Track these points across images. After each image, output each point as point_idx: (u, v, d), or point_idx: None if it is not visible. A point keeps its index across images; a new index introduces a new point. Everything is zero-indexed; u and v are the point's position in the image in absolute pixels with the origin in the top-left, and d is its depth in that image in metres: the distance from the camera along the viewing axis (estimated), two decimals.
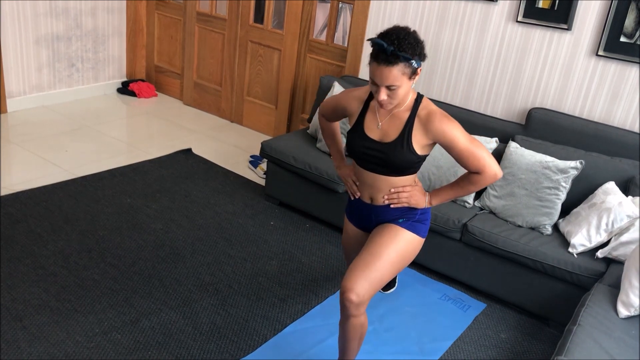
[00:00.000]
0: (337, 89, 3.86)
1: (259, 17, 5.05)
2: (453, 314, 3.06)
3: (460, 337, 2.89)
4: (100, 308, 2.76)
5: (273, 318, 2.86)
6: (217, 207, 3.83)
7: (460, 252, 3.21)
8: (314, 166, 3.59)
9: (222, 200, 3.92)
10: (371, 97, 2.22)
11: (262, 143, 3.86)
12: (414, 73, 2.01)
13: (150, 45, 5.90)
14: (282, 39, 4.86)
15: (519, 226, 3.16)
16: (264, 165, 4.41)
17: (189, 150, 4.65)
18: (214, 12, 5.30)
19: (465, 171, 2.20)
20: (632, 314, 2.45)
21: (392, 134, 2.14)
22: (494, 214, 3.26)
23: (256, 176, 4.40)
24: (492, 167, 2.12)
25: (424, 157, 2.17)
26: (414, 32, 2.01)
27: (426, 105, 2.14)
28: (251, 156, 4.66)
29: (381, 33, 1.99)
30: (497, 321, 3.06)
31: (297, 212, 3.89)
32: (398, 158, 2.13)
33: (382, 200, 2.26)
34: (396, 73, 1.96)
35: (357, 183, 2.32)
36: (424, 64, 3.97)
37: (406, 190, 2.22)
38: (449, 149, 2.11)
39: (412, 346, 2.78)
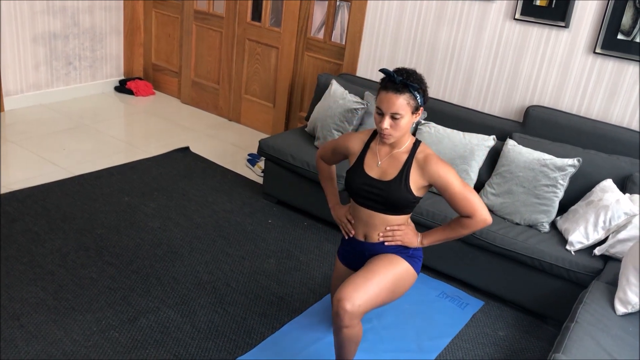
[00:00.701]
0: (334, 87, 3.86)
1: (257, 15, 5.05)
2: (451, 311, 3.06)
3: (459, 335, 2.89)
4: (98, 306, 2.75)
5: (271, 316, 2.86)
6: (215, 206, 3.82)
7: (458, 250, 3.21)
8: (312, 164, 3.59)
9: (219, 199, 3.92)
10: (371, 139, 2.36)
11: (259, 141, 3.86)
12: (416, 109, 2.17)
13: (147, 43, 5.89)
14: (280, 37, 4.86)
15: (517, 224, 3.16)
16: (261, 164, 4.41)
17: (187, 148, 4.64)
18: (212, 10, 5.29)
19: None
20: (630, 311, 2.45)
21: (391, 173, 2.26)
22: (492, 211, 3.26)
23: (254, 174, 4.40)
24: (483, 213, 2.24)
25: (418, 199, 2.29)
26: (421, 74, 2.21)
27: (423, 149, 2.28)
28: (249, 154, 4.66)
29: (394, 69, 2.17)
30: (495, 319, 3.06)
31: (295, 211, 3.89)
32: (396, 196, 2.24)
33: (376, 237, 2.36)
34: (402, 102, 2.12)
35: (352, 222, 2.42)
36: (422, 63, 3.97)
37: (401, 228, 2.33)
38: (443, 191, 2.24)
39: (410, 344, 2.78)
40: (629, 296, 2.44)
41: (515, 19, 3.55)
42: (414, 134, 3.59)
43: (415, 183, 2.24)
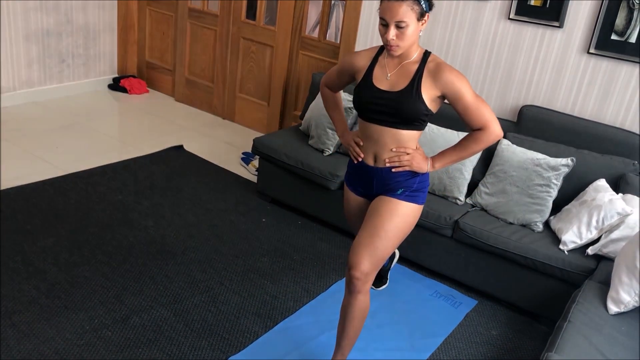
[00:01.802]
0: None
1: (251, 13, 5.04)
2: (444, 310, 3.07)
3: (452, 334, 2.90)
4: (91, 305, 2.74)
5: (264, 315, 2.85)
6: (209, 204, 3.81)
7: (451, 249, 3.22)
8: (306, 163, 3.59)
9: (213, 197, 3.91)
10: (378, 53, 2.28)
11: (254, 140, 3.85)
12: (422, 15, 2.07)
13: (141, 41, 5.87)
14: (275, 36, 4.85)
15: (510, 223, 3.17)
16: (256, 162, 4.40)
17: (181, 147, 4.63)
18: (206, 8, 5.28)
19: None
20: (622, 310, 2.46)
21: (402, 83, 2.18)
22: (486, 211, 3.27)
23: (248, 173, 4.39)
24: (495, 124, 2.19)
25: (430, 112, 2.19)
26: None
27: (434, 59, 2.20)
28: (243, 153, 4.65)
29: None
30: (488, 318, 3.06)
31: (289, 209, 3.89)
32: (407, 106, 2.15)
33: (385, 160, 2.27)
34: (405, 8, 2.02)
35: (361, 144, 2.33)
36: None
37: (408, 152, 2.25)
38: (456, 101, 2.15)
39: (403, 343, 2.79)
40: (622, 295, 2.45)
41: (509, 18, 3.56)
42: None
43: (428, 92, 2.15)
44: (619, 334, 2.34)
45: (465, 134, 3.40)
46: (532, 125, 3.47)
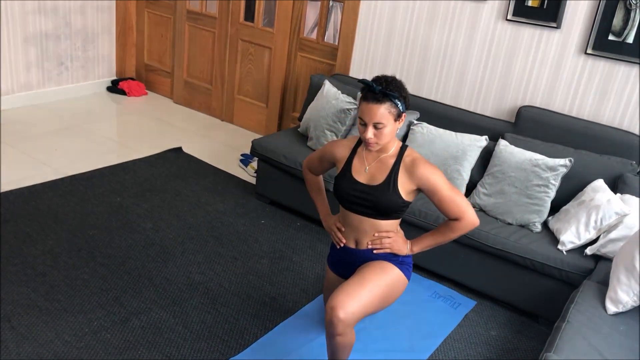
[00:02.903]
0: (327, 87, 3.86)
1: (250, 15, 5.04)
2: (443, 311, 3.07)
3: (451, 335, 2.90)
4: (90, 307, 2.74)
5: (264, 317, 2.86)
6: (208, 206, 3.82)
7: (450, 250, 3.22)
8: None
9: (212, 199, 3.91)
10: (358, 144, 2.36)
11: (252, 141, 3.85)
12: (399, 116, 2.16)
13: (140, 43, 5.87)
14: (273, 37, 4.85)
15: (509, 224, 3.17)
16: (254, 164, 4.41)
17: (180, 149, 4.63)
18: (204, 10, 5.28)
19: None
20: (620, 310, 2.46)
21: (379, 177, 2.26)
22: (484, 211, 3.28)
23: (247, 175, 4.39)
24: (471, 215, 2.25)
25: (408, 204, 2.28)
26: (401, 80, 2.19)
27: (410, 153, 2.28)
28: (242, 155, 4.65)
29: (372, 79, 2.16)
30: (487, 318, 3.07)
31: (287, 211, 3.89)
32: (385, 200, 2.24)
33: (366, 244, 2.35)
34: (383, 111, 2.11)
35: (343, 229, 2.41)
36: (415, 64, 3.98)
37: (389, 235, 2.33)
38: (432, 194, 2.23)
39: (402, 344, 2.79)
40: (620, 295, 2.46)
41: (507, 19, 3.57)
42: (406, 134, 3.60)
43: (404, 187, 2.24)
44: (617, 334, 2.34)
45: (462, 134, 3.41)
46: (530, 125, 3.48)
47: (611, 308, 2.47)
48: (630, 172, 3.12)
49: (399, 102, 2.13)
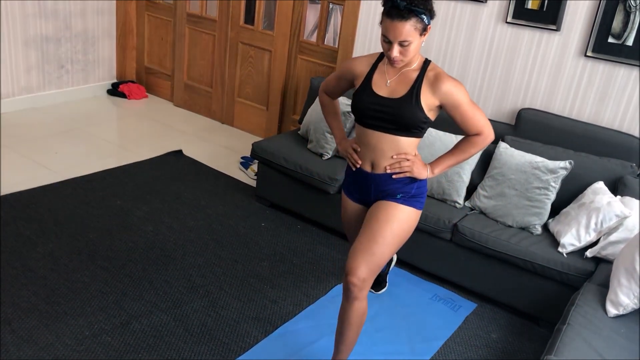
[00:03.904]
0: None
1: (250, 18, 5.05)
2: (444, 314, 3.07)
3: (451, 337, 2.90)
4: (90, 311, 2.74)
5: (264, 319, 2.85)
6: (208, 209, 3.82)
7: (450, 253, 3.22)
8: (305, 167, 3.59)
9: (212, 202, 3.92)
10: (378, 60, 2.29)
11: (253, 144, 3.85)
12: (424, 29, 2.09)
13: (140, 46, 5.88)
14: (273, 40, 4.86)
15: (509, 226, 3.17)
16: (254, 167, 4.41)
17: (180, 151, 4.64)
18: (204, 13, 5.29)
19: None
20: (621, 312, 2.46)
21: (401, 90, 2.19)
22: (484, 214, 3.28)
23: (247, 177, 4.40)
24: (489, 129, 2.26)
25: (429, 120, 2.21)
26: None
27: (434, 68, 2.22)
28: (242, 157, 4.65)
29: None
30: (488, 321, 3.07)
31: (288, 214, 3.89)
32: (407, 113, 2.16)
33: (384, 166, 2.27)
34: (409, 28, 2.04)
35: (359, 150, 2.33)
36: None
37: (408, 157, 2.25)
38: (454, 109, 2.19)
39: (403, 346, 2.79)
40: (620, 298, 2.46)
41: (507, 22, 3.57)
42: None
43: (426, 101, 2.16)
44: (618, 336, 2.34)
45: (462, 136, 3.41)
46: (530, 128, 3.48)
47: (612, 310, 2.47)
48: (630, 174, 3.12)
49: (424, 17, 2.04)
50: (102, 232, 3.38)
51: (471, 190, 3.42)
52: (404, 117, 2.17)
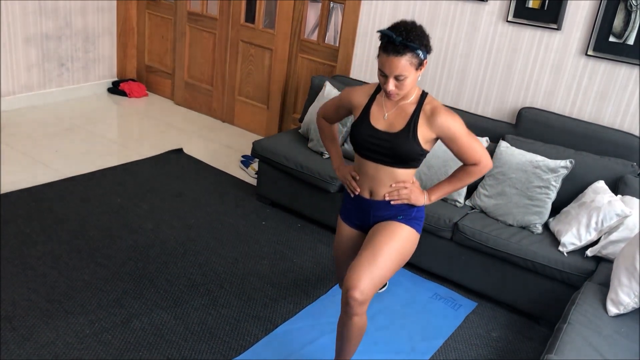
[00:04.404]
0: (328, 88, 3.86)
1: (250, 16, 5.05)
2: (444, 312, 3.07)
3: (452, 336, 2.90)
4: (91, 309, 2.74)
5: (264, 318, 2.85)
6: (209, 207, 3.82)
7: (451, 251, 3.22)
8: (306, 166, 3.59)
9: (213, 200, 3.91)
10: (376, 91, 2.30)
11: (253, 143, 3.85)
12: (420, 64, 2.10)
13: (140, 44, 5.87)
14: (274, 39, 4.86)
15: (510, 225, 3.17)
16: (255, 165, 4.41)
17: (180, 150, 4.63)
18: (205, 12, 5.29)
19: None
20: (621, 312, 2.46)
21: (399, 124, 2.21)
22: (485, 213, 3.28)
23: (248, 176, 4.40)
24: (487, 158, 2.25)
25: (425, 152, 2.24)
26: (421, 25, 2.10)
27: (431, 101, 2.23)
28: (242, 156, 4.65)
29: (390, 26, 2.08)
30: (488, 320, 3.07)
31: (288, 212, 3.89)
32: (404, 147, 2.19)
33: (382, 194, 2.30)
34: (404, 63, 2.05)
35: (357, 178, 2.35)
36: None
37: (406, 186, 2.28)
38: (451, 142, 2.21)
39: (403, 345, 2.79)
40: (621, 297, 2.46)
41: (508, 21, 3.57)
42: None
43: (423, 135, 2.19)
44: (618, 335, 2.34)
45: None
46: (531, 127, 3.48)
47: (612, 309, 2.47)
48: (630, 173, 3.12)
49: (420, 52, 2.06)
50: (102, 231, 3.38)
51: (472, 189, 3.42)
52: (401, 151, 2.20)
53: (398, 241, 2.27)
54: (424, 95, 2.24)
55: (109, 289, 2.90)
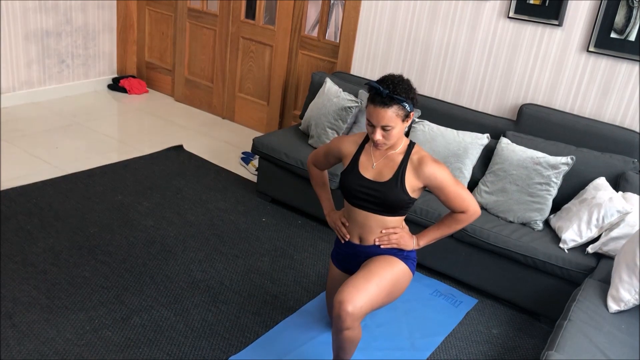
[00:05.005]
0: (328, 85, 3.86)
1: (251, 13, 5.04)
2: (445, 309, 3.07)
3: (452, 333, 2.90)
4: (91, 305, 2.74)
5: (265, 315, 2.85)
6: (209, 204, 3.81)
7: (451, 248, 3.22)
8: (306, 162, 3.59)
9: (213, 197, 3.91)
10: (365, 140, 2.37)
11: (253, 139, 3.85)
12: (407, 116, 2.18)
13: (141, 41, 5.86)
14: (274, 35, 4.85)
15: (510, 222, 3.17)
16: (255, 162, 4.40)
17: (181, 146, 4.63)
18: (205, 8, 5.28)
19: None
20: (622, 308, 2.46)
21: (386, 174, 2.27)
22: (486, 209, 3.27)
23: (248, 173, 4.39)
24: (474, 207, 2.30)
25: (413, 200, 2.30)
26: (408, 80, 2.20)
27: (418, 151, 2.30)
28: (243, 153, 4.65)
29: (378, 79, 2.17)
30: (489, 316, 3.07)
31: (289, 209, 3.89)
32: (392, 197, 2.25)
33: (372, 240, 2.37)
34: (390, 114, 2.13)
35: (347, 224, 2.42)
36: (416, 62, 3.97)
37: (396, 231, 2.35)
38: (438, 190, 2.27)
39: (403, 342, 2.79)
40: (622, 294, 2.45)
41: (509, 17, 3.56)
42: (408, 132, 3.59)
43: (411, 184, 2.26)
44: (619, 332, 2.34)
45: (463, 132, 3.41)
46: (531, 123, 3.47)
47: (613, 306, 2.47)
48: (632, 170, 3.11)
49: (406, 104, 2.14)
50: (102, 227, 3.38)
51: (472, 185, 3.41)
52: (389, 200, 2.26)
53: (393, 269, 2.31)
54: (411, 145, 2.31)
55: (109, 285, 2.90)
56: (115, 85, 5.78)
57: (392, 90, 2.11)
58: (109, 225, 3.41)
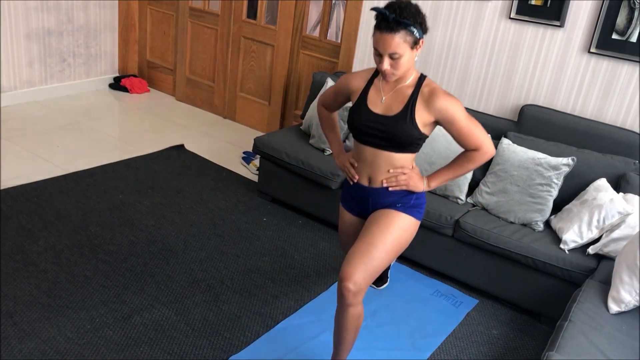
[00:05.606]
0: (330, 85, 3.86)
1: (252, 12, 5.04)
2: (445, 310, 3.07)
3: (452, 333, 2.90)
4: (92, 304, 2.75)
5: (265, 314, 2.86)
6: (210, 204, 3.82)
7: (452, 249, 3.22)
8: (307, 162, 3.59)
9: (214, 197, 3.91)
10: (374, 75, 2.27)
11: (254, 139, 3.85)
12: (415, 43, 2.06)
13: (142, 40, 5.87)
14: (275, 35, 4.85)
15: (511, 222, 3.17)
16: (256, 162, 4.41)
17: (182, 146, 4.63)
18: (207, 8, 5.28)
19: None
20: (623, 309, 2.46)
21: (396, 108, 2.17)
22: (486, 210, 3.27)
23: (249, 172, 4.39)
24: (489, 144, 2.19)
25: (424, 136, 2.19)
26: (416, 4, 2.07)
27: (429, 83, 2.18)
28: (244, 152, 4.65)
29: (385, 5, 2.05)
30: (489, 317, 3.07)
31: (290, 209, 3.89)
32: (401, 131, 2.15)
33: (380, 181, 2.27)
34: (398, 40, 2.01)
35: (356, 165, 2.32)
36: (417, 62, 3.97)
37: (405, 172, 2.24)
38: (450, 125, 2.15)
39: (404, 342, 2.79)
40: (622, 295, 2.45)
41: (510, 18, 3.56)
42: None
43: (421, 118, 2.14)
44: (619, 333, 2.34)
45: None
46: (532, 124, 3.47)
47: (613, 307, 2.47)
48: (633, 171, 3.11)
49: (414, 29, 2.02)
50: (103, 226, 3.39)
51: (473, 186, 3.41)
52: (398, 135, 2.16)
53: (395, 231, 2.24)
54: (422, 78, 2.20)
55: (110, 284, 2.90)
56: (117, 85, 5.78)
57: (398, 14, 1.99)
58: (110, 224, 3.42)
